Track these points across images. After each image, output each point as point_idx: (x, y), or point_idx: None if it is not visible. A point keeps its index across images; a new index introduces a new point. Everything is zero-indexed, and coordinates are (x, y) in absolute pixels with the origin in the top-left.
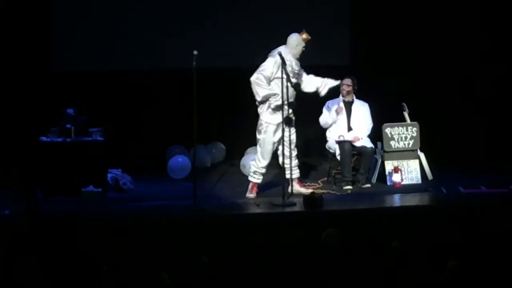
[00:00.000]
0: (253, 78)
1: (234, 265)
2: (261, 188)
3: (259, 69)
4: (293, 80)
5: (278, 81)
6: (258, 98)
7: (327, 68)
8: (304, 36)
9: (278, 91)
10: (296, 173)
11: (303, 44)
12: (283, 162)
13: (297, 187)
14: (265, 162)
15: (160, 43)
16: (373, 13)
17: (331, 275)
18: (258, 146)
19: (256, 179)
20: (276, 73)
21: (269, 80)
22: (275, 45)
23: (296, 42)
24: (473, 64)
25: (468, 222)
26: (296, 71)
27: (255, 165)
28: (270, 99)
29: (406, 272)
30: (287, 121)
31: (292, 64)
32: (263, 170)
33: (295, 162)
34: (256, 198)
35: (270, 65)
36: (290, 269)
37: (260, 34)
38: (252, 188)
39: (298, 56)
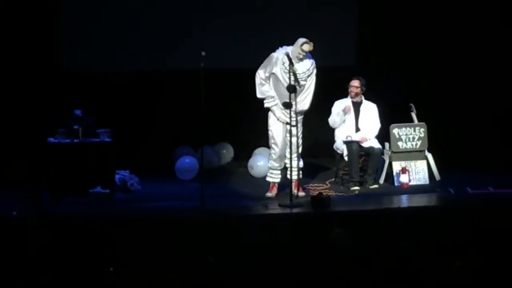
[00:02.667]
0: (256, 75)
1: (240, 265)
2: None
3: (262, 64)
4: (287, 80)
5: (273, 77)
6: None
7: (335, 68)
8: (305, 45)
9: (272, 92)
10: (294, 175)
11: (299, 51)
12: (285, 162)
13: (294, 189)
14: (277, 157)
15: (168, 43)
16: (380, 14)
17: (339, 275)
18: (269, 142)
19: (273, 178)
20: (272, 69)
21: (268, 75)
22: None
23: (295, 44)
24: (481, 64)
25: (475, 223)
26: (286, 70)
27: (270, 162)
28: (266, 99)
29: (413, 272)
30: (285, 105)
31: (285, 63)
32: (278, 166)
33: (294, 163)
34: (275, 197)
35: (268, 61)
36: (298, 269)
37: (268, 35)
38: (271, 187)
39: (293, 58)
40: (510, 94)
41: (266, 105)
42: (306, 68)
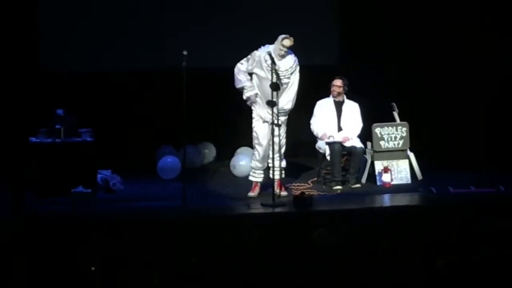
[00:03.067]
0: (236, 66)
1: (224, 265)
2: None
3: (244, 58)
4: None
5: (256, 77)
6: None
7: (317, 68)
8: (285, 40)
9: (250, 82)
10: (277, 174)
11: (280, 47)
12: (268, 162)
13: (276, 189)
14: (261, 158)
15: (150, 43)
16: (362, 13)
17: (322, 274)
18: (253, 143)
19: (255, 177)
20: (254, 67)
21: (248, 71)
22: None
23: (276, 41)
24: (462, 64)
25: (457, 222)
26: (268, 68)
27: (253, 161)
28: (244, 89)
29: (395, 271)
30: (269, 103)
31: (268, 61)
32: (261, 166)
33: (277, 163)
34: (258, 197)
35: (250, 58)
36: (281, 268)
37: (250, 34)
38: (254, 187)
39: (275, 56)
40: (491, 94)
41: (245, 95)
42: (289, 65)
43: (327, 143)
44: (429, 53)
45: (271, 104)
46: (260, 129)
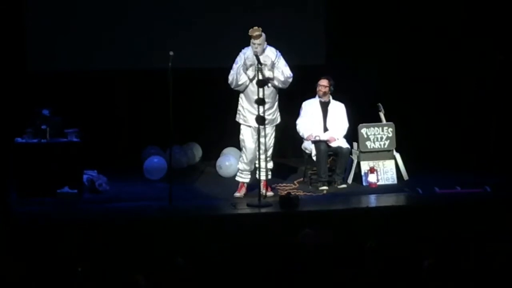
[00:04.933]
0: (229, 75)
1: (210, 266)
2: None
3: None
4: (253, 75)
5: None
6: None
7: (303, 68)
8: (252, 32)
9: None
10: (263, 175)
11: (252, 42)
12: (255, 163)
13: (262, 189)
14: (248, 161)
15: (136, 43)
16: (349, 13)
17: (308, 275)
18: (241, 145)
19: (242, 178)
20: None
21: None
22: None
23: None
24: (448, 65)
25: (443, 222)
26: (252, 65)
27: (240, 163)
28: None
29: (382, 271)
30: (258, 120)
31: (249, 57)
32: (248, 168)
33: (263, 164)
34: (244, 197)
35: (237, 59)
36: (267, 269)
37: (237, 34)
38: (240, 187)
39: (253, 51)
40: (476, 95)
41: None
42: (271, 60)
43: (313, 143)
44: (416, 53)
45: (260, 102)
46: (247, 132)
